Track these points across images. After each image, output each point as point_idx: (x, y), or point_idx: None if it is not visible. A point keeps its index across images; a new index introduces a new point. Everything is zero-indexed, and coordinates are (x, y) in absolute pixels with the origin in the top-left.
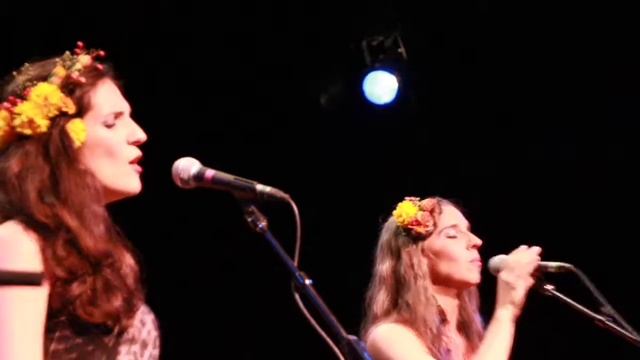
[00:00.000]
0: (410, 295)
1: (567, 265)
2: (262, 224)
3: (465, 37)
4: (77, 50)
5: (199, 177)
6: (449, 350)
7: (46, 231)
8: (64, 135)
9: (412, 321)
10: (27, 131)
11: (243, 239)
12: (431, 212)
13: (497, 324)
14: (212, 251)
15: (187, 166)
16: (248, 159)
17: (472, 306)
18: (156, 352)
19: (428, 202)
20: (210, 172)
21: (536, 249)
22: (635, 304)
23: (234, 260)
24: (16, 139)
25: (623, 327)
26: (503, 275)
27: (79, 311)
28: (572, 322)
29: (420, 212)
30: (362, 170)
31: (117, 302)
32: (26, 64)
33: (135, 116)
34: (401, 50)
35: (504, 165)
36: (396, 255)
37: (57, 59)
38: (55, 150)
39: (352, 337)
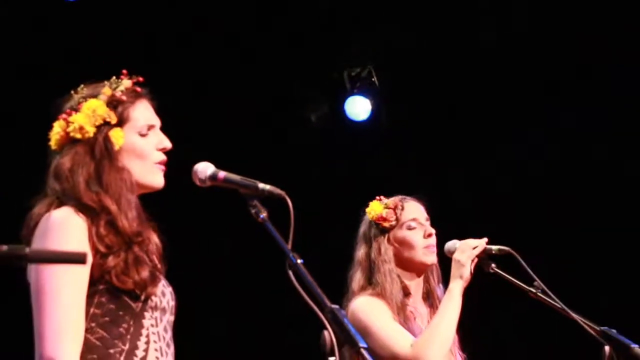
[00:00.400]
0: (380, 275)
1: (505, 248)
2: (263, 214)
3: (424, 71)
4: (122, 76)
5: (213, 177)
6: (414, 319)
7: (92, 214)
8: (107, 140)
9: (382, 295)
10: (78, 135)
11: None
12: (394, 209)
13: (449, 295)
14: (217, 244)
15: (204, 169)
16: (255, 163)
17: (435, 280)
18: (172, 318)
19: (392, 201)
20: (222, 174)
21: (484, 239)
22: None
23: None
24: (69, 142)
25: (551, 298)
26: (456, 256)
27: (114, 280)
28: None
29: (385, 210)
30: (344, 170)
31: (145, 273)
32: (82, 85)
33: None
34: (374, 79)
35: (456, 162)
36: (369, 243)
37: (106, 82)
38: (100, 151)
39: (334, 306)
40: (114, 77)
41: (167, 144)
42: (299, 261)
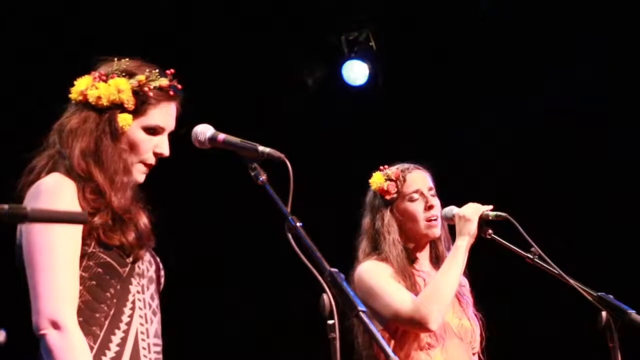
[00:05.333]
0: (385, 244)
1: (503, 214)
2: (263, 177)
3: (421, 36)
4: (167, 72)
5: (213, 139)
6: (425, 284)
7: (81, 179)
8: (113, 119)
9: (388, 260)
10: (92, 101)
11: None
12: (396, 181)
13: (454, 252)
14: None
15: (204, 130)
16: (251, 127)
17: (444, 245)
18: (159, 287)
19: (394, 172)
20: (222, 136)
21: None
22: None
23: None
24: (84, 100)
25: (547, 263)
26: (460, 212)
27: (101, 235)
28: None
29: (387, 182)
30: (340, 135)
31: (131, 236)
32: (128, 59)
33: None
34: (372, 44)
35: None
36: (374, 213)
37: (148, 69)
38: (103, 125)
39: (333, 270)
40: (158, 70)
41: (166, 151)
42: (298, 224)
